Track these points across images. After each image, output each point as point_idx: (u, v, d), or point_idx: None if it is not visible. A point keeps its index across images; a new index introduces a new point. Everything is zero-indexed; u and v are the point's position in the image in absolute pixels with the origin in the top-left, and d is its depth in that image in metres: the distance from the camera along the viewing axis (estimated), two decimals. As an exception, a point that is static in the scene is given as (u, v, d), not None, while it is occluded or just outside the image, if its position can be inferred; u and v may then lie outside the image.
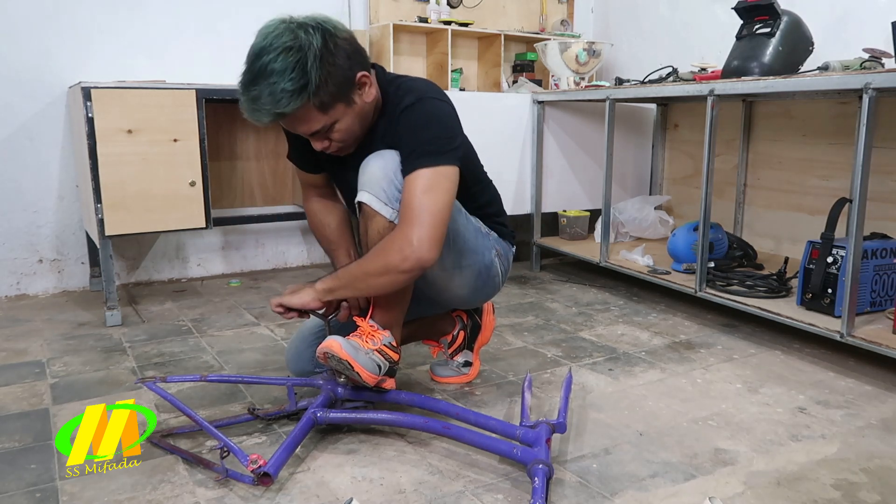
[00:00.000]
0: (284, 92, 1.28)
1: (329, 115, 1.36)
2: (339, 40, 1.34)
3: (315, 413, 1.45)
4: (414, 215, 1.32)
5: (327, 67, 1.31)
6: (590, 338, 2.23)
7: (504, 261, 1.67)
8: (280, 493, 1.30)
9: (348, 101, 1.38)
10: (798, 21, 2.31)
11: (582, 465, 1.41)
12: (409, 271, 1.33)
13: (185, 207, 2.42)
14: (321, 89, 1.31)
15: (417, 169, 1.34)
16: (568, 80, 3.18)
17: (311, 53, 1.28)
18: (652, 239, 3.14)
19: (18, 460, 1.42)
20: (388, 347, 1.50)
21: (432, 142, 1.36)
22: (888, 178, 2.36)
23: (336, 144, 1.44)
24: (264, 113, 1.31)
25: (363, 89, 1.40)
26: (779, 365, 1.98)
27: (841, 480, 1.35)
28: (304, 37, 1.29)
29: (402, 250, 1.31)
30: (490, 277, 1.63)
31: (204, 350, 2.11)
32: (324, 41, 1.30)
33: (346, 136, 1.43)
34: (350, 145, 1.47)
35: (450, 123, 1.42)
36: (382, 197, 1.38)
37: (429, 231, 1.31)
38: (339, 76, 1.33)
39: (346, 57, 1.35)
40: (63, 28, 2.69)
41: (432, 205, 1.32)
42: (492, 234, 1.65)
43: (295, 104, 1.30)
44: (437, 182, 1.34)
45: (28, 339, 2.22)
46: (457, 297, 1.64)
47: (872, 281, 2.02)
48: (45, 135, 2.71)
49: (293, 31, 1.29)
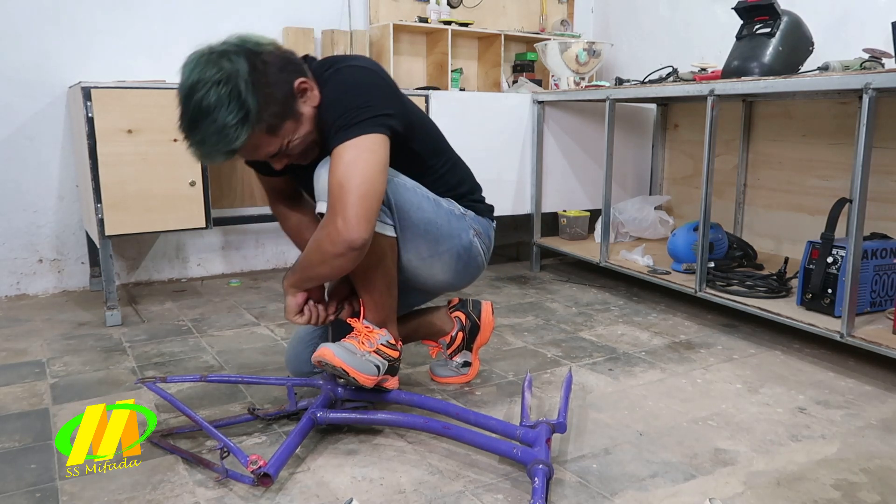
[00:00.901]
0: (228, 127, 1.21)
1: (280, 135, 1.31)
2: (264, 56, 1.27)
3: (315, 413, 1.45)
4: (335, 197, 1.25)
5: (262, 89, 1.25)
6: (590, 338, 2.23)
7: (485, 238, 1.63)
8: (280, 493, 1.30)
9: (295, 116, 1.32)
10: (798, 21, 2.31)
11: (582, 465, 1.41)
12: (342, 255, 1.27)
13: (185, 207, 2.42)
14: (264, 113, 1.26)
15: (336, 146, 1.27)
16: (568, 80, 3.18)
17: (240, 81, 1.22)
18: (652, 239, 3.14)
19: (18, 460, 1.42)
20: (386, 346, 1.49)
21: (349, 112, 1.28)
22: (888, 178, 2.36)
23: (297, 157, 1.40)
24: (216, 153, 1.26)
25: (305, 95, 1.34)
26: (779, 365, 1.98)
27: (841, 480, 1.35)
28: (229, 65, 1.22)
29: (330, 236, 1.26)
30: (472, 258, 1.60)
31: (204, 350, 2.11)
32: (250, 64, 1.24)
33: (304, 146, 1.38)
34: (312, 150, 1.42)
35: (368, 89, 1.32)
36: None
37: (354, 210, 1.24)
38: (277, 94, 1.28)
39: (277, 71, 1.29)
40: (63, 28, 2.69)
41: (354, 181, 1.24)
42: (468, 214, 1.60)
43: (243, 136, 1.24)
44: (356, 156, 1.26)
45: (28, 339, 2.22)
46: (442, 282, 1.62)
47: (872, 281, 2.02)
48: (45, 135, 2.71)
49: (216, 62, 1.23)
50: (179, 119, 1.25)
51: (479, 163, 1.97)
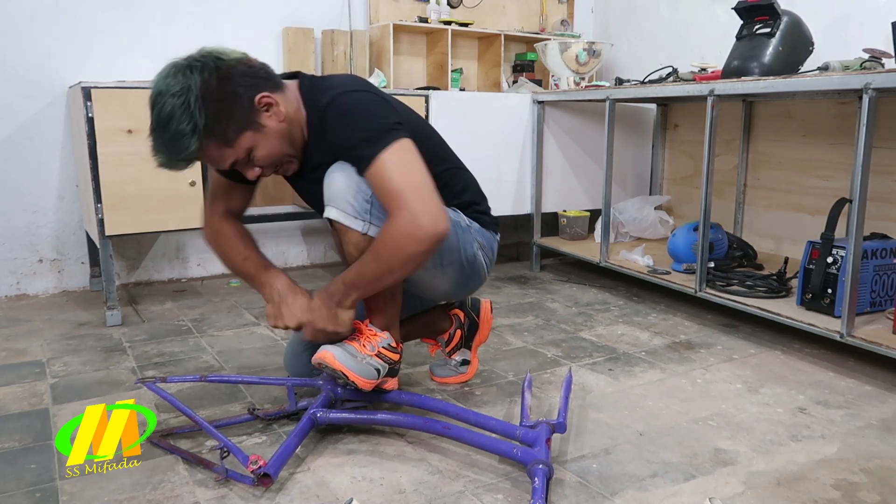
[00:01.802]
0: (180, 135, 1.27)
1: (236, 147, 1.33)
2: (224, 71, 1.30)
3: (315, 413, 1.45)
4: (401, 197, 1.27)
5: (213, 105, 1.28)
6: (590, 338, 2.23)
7: (488, 251, 1.64)
8: (280, 493, 1.30)
9: (255, 128, 1.34)
10: (798, 21, 2.31)
11: (582, 465, 1.41)
12: (430, 249, 1.29)
13: (185, 207, 2.42)
14: (215, 125, 1.29)
15: (374, 158, 1.29)
16: (568, 80, 3.18)
17: (191, 95, 1.26)
18: (652, 239, 3.14)
19: (18, 460, 1.42)
20: (387, 349, 1.49)
21: (370, 128, 1.31)
22: (888, 178, 2.36)
23: (270, 169, 1.42)
24: (173, 161, 1.31)
25: (270, 109, 1.35)
26: (779, 365, 1.98)
27: (841, 480, 1.35)
28: (183, 79, 1.27)
29: (413, 235, 1.27)
30: (474, 270, 1.59)
31: (204, 350, 2.11)
32: (204, 79, 1.27)
33: (273, 160, 1.40)
34: (287, 163, 1.44)
35: (378, 107, 1.36)
36: (350, 211, 1.36)
37: (425, 205, 1.27)
38: (230, 108, 1.30)
39: (234, 86, 1.31)
40: (63, 28, 2.69)
41: (412, 179, 1.28)
42: (473, 226, 1.59)
43: (193, 146, 1.28)
44: (402, 158, 1.30)
45: (28, 339, 2.22)
46: (442, 292, 1.63)
47: (872, 281, 2.02)
48: (45, 135, 2.71)
49: (175, 74, 1.28)
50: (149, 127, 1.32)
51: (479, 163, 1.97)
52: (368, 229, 1.37)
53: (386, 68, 3.12)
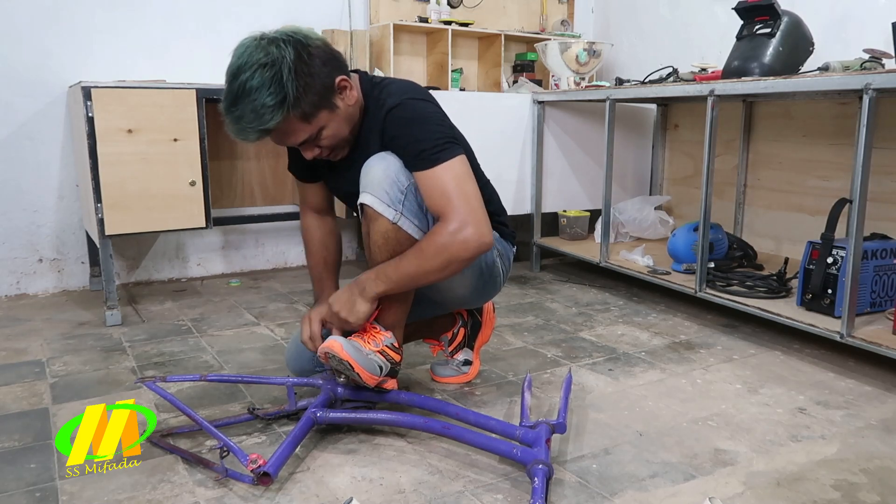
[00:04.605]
0: (265, 108, 1.30)
1: (313, 123, 1.39)
2: (312, 49, 1.35)
3: (315, 413, 1.45)
4: (456, 205, 1.35)
5: (303, 78, 1.33)
6: (590, 338, 2.23)
7: (505, 260, 1.67)
8: (280, 492, 1.30)
9: (331, 108, 1.40)
10: (798, 21, 2.31)
11: (582, 465, 1.41)
12: (472, 258, 1.38)
13: (185, 207, 2.42)
14: (300, 100, 1.33)
15: (436, 164, 1.37)
16: (568, 80, 3.18)
17: (285, 67, 1.30)
18: (652, 239, 3.14)
19: (18, 460, 1.42)
20: (390, 349, 1.50)
21: (435, 137, 1.39)
22: (888, 179, 2.36)
23: (326, 150, 1.47)
24: (250, 131, 1.34)
25: (344, 93, 1.42)
26: (779, 365, 1.98)
27: (841, 481, 1.35)
28: (276, 52, 1.31)
29: (463, 241, 1.35)
30: (492, 277, 1.63)
31: (204, 350, 2.11)
32: (296, 53, 1.32)
33: (335, 141, 1.45)
34: (341, 149, 1.50)
35: (442, 120, 1.44)
36: (385, 199, 1.40)
37: (476, 217, 1.36)
38: (317, 85, 1.35)
39: (321, 64, 1.36)
40: (63, 28, 2.69)
41: (467, 191, 1.37)
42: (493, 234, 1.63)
43: (277, 118, 1.32)
44: (459, 172, 1.38)
45: (28, 339, 2.22)
46: (459, 297, 1.64)
47: (872, 281, 2.02)
48: (45, 134, 2.71)
49: (265, 47, 1.31)
50: (223, 97, 1.34)
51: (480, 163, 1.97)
52: (399, 220, 1.41)
53: (386, 68, 3.12)
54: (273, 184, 3.18)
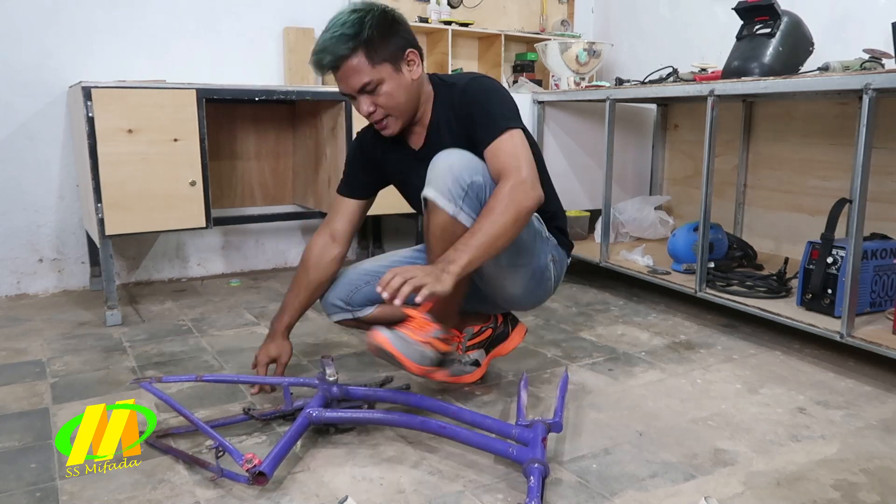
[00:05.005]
0: (343, 36, 1.49)
1: (377, 69, 1.52)
2: (397, 17, 1.57)
3: (311, 413, 1.45)
4: (520, 164, 1.47)
5: (381, 27, 1.51)
6: (590, 338, 2.23)
7: (559, 267, 1.74)
8: (279, 492, 1.30)
9: (396, 66, 1.54)
10: (798, 21, 2.31)
11: (581, 465, 1.41)
12: (533, 209, 1.47)
13: (185, 207, 2.42)
14: (372, 41, 1.50)
15: (505, 131, 1.50)
16: (568, 80, 3.18)
17: (370, 14, 1.51)
18: (652, 239, 3.14)
19: (18, 460, 1.42)
20: (439, 340, 1.50)
21: (506, 109, 1.54)
22: (888, 179, 2.36)
23: (381, 111, 1.56)
24: (326, 54, 1.50)
25: (411, 66, 1.57)
26: (779, 365, 1.98)
27: (841, 481, 1.35)
28: (367, 6, 1.54)
29: (526, 191, 1.45)
30: (543, 280, 1.68)
31: (204, 350, 2.11)
32: (383, 11, 1.54)
33: (392, 103, 1.55)
34: (395, 120, 1.59)
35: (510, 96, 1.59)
36: (447, 195, 1.46)
37: (533, 174, 1.48)
38: (390, 37, 1.53)
39: (399, 29, 1.55)
40: (63, 28, 2.69)
41: (527, 155, 1.50)
42: (550, 240, 1.70)
43: (349, 46, 1.49)
44: (522, 138, 1.52)
45: (28, 339, 2.22)
46: (510, 295, 1.67)
47: (872, 281, 2.02)
48: (45, 134, 2.72)
49: (361, 5, 1.55)
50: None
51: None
52: (458, 214, 1.47)
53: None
54: (273, 184, 3.18)
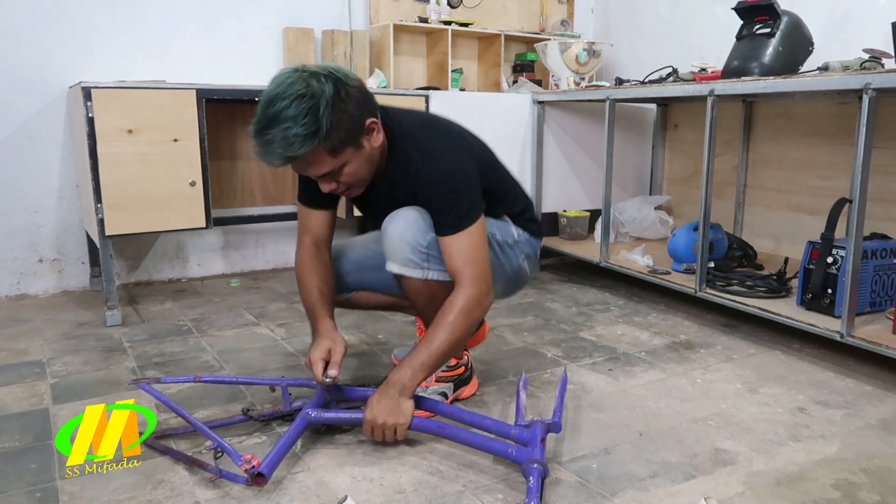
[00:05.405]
0: (297, 136, 1.32)
1: (338, 158, 1.41)
2: (349, 88, 1.38)
3: (309, 413, 1.45)
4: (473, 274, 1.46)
5: (338, 114, 1.35)
6: (590, 338, 2.23)
7: (532, 259, 1.75)
8: (279, 492, 1.30)
9: (357, 145, 1.43)
10: (798, 21, 2.31)
11: (582, 465, 1.41)
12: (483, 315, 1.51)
13: (185, 207, 2.42)
14: (331, 134, 1.35)
15: (459, 230, 1.45)
16: (568, 80, 3.18)
17: (322, 100, 1.33)
18: (652, 239, 3.14)
19: (18, 460, 1.42)
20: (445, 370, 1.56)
21: (461, 203, 1.46)
22: (888, 178, 2.36)
23: (343, 186, 1.49)
24: (276, 156, 1.36)
25: (371, 135, 1.45)
26: (779, 365, 1.98)
27: (841, 480, 1.35)
28: (317, 85, 1.33)
29: (480, 305, 1.46)
30: (518, 278, 1.73)
31: (204, 350, 2.11)
32: (335, 89, 1.35)
33: (355, 180, 1.48)
34: (358, 187, 1.52)
35: (471, 182, 1.49)
36: (410, 264, 1.49)
37: (488, 282, 1.48)
38: (348, 122, 1.38)
39: (356, 104, 1.40)
40: (63, 28, 2.69)
41: (480, 259, 1.47)
42: (521, 239, 1.69)
43: (306, 148, 1.34)
44: (476, 239, 1.47)
45: (28, 339, 2.22)
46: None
47: (872, 281, 2.02)
48: (45, 134, 2.71)
49: (305, 79, 1.34)
50: (254, 121, 1.37)
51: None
52: (428, 274, 1.50)
53: (386, 68, 3.12)
54: (273, 184, 3.18)
